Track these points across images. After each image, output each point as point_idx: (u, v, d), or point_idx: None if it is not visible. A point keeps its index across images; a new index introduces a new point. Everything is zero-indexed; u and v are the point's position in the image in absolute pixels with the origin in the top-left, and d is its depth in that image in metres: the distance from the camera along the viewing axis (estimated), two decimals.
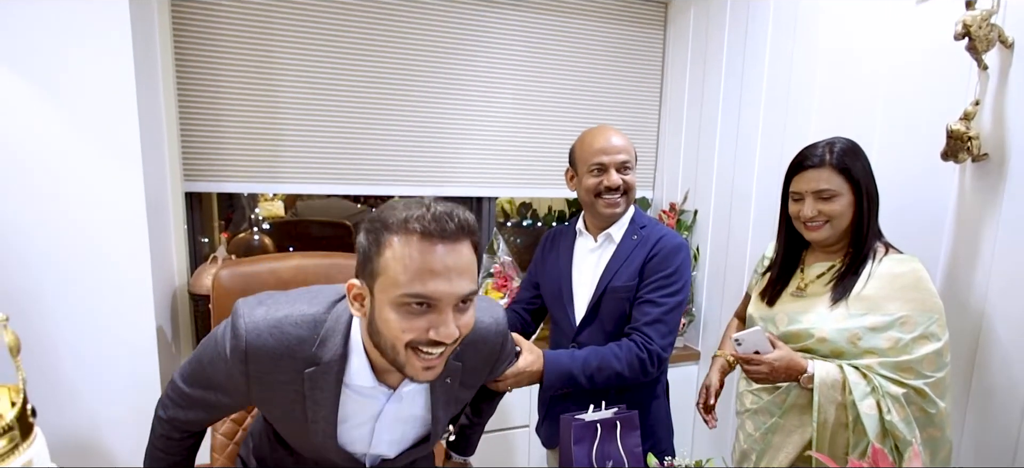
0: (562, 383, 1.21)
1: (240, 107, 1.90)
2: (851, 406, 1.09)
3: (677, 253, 1.29)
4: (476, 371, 1.00)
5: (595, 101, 2.35)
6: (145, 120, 1.55)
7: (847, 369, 1.11)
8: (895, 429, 1.07)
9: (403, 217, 0.76)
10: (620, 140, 1.33)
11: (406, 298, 0.76)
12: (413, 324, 0.77)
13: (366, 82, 2.02)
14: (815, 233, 1.20)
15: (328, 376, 0.85)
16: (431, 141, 2.14)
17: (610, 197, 1.31)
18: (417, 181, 2.15)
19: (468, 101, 2.16)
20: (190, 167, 1.88)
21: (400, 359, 0.81)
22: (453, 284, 0.76)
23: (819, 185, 1.16)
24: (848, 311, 1.14)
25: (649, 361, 1.24)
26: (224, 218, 2.87)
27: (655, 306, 1.26)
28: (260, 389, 0.86)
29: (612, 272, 1.31)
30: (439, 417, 0.96)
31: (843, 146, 1.17)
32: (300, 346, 0.84)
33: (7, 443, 0.50)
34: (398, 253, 0.75)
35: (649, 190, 2.53)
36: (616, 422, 1.12)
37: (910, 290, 1.11)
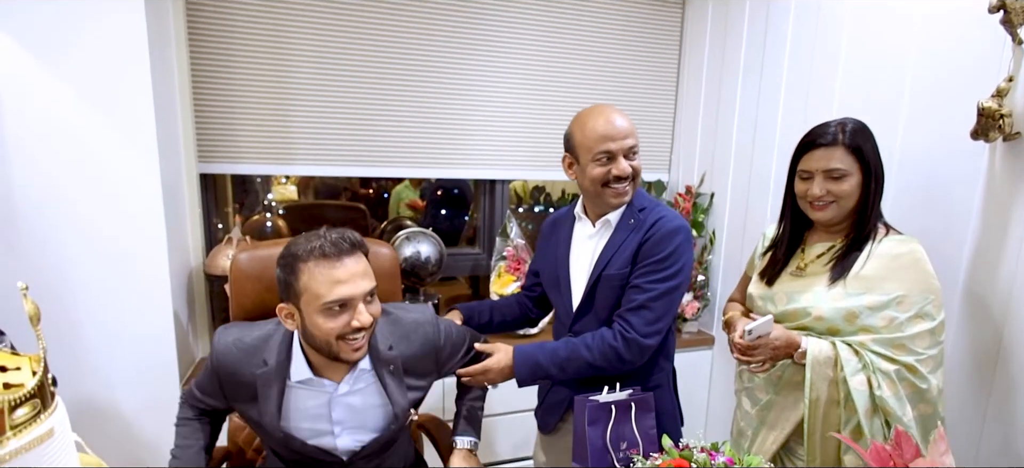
0: (533, 375, 1.22)
1: (254, 88, 1.90)
2: (842, 382, 1.11)
3: (673, 236, 1.19)
4: (418, 358, 1.18)
5: (610, 82, 2.31)
6: (160, 101, 1.55)
7: (839, 345, 1.12)
8: (885, 404, 1.09)
9: (309, 248, 1.00)
10: (625, 122, 1.22)
11: (327, 305, 1.00)
12: (337, 322, 1.01)
13: (380, 64, 2.01)
14: (821, 212, 1.18)
15: (274, 375, 1.08)
16: (444, 123, 2.13)
17: (619, 186, 1.22)
18: (430, 163, 2.15)
19: (481, 83, 2.14)
20: (204, 148, 1.88)
21: (334, 349, 1.04)
22: (357, 286, 1.01)
23: (830, 164, 1.15)
24: (846, 290, 1.15)
25: (625, 349, 1.17)
26: (237, 202, 2.89)
27: (641, 292, 1.18)
28: (230, 390, 1.11)
29: (606, 259, 1.24)
30: (396, 400, 1.14)
31: (855, 126, 1.16)
32: (254, 354, 1.09)
33: (29, 410, 0.51)
34: (314, 274, 0.99)
35: (664, 173, 2.50)
36: (631, 403, 1.11)
37: (908, 270, 1.12)
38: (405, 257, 1.96)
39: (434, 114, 2.11)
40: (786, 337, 1.16)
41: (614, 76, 2.31)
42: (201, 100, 1.85)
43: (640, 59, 2.34)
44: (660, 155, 2.48)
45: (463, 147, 2.17)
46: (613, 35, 2.28)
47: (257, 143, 1.93)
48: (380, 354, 1.13)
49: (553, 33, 2.19)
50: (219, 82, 1.86)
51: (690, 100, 2.36)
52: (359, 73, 1.99)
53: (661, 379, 1.32)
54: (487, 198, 2.34)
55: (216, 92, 1.86)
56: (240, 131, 1.91)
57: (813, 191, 1.17)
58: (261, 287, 1.37)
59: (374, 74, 2.01)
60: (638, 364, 1.20)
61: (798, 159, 1.22)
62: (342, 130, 2.02)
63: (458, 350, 1.29)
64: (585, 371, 1.20)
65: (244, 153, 1.93)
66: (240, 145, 1.92)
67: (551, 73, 2.22)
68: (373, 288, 1.05)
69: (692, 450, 1.00)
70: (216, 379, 1.12)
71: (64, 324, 1.52)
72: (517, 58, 2.17)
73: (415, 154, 2.12)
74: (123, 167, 1.51)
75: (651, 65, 2.37)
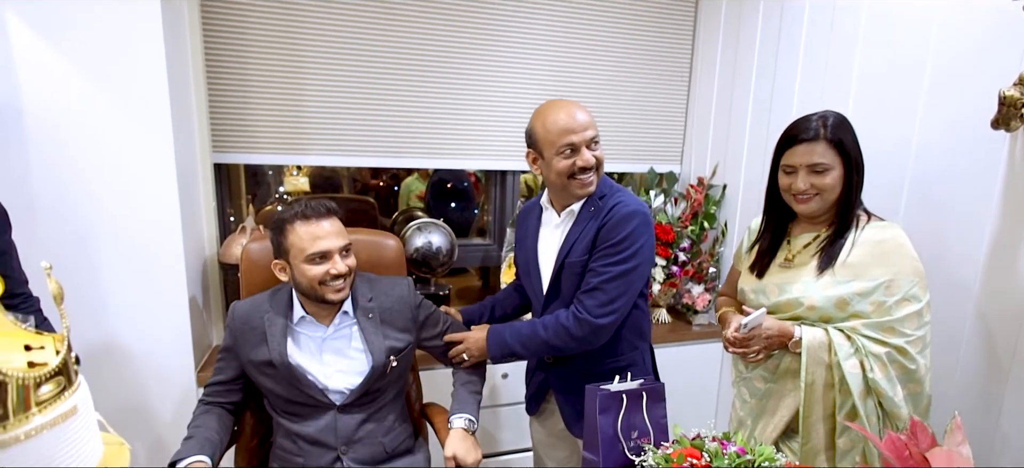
0: (501, 351, 1.36)
1: (267, 79, 1.91)
2: (837, 367, 1.15)
3: (628, 220, 1.24)
4: (395, 311, 1.39)
5: (622, 73, 2.30)
6: (175, 91, 1.57)
7: (832, 331, 1.16)
8: (877, 386, 1.13)
9: (293, 212, 1.27)
10: (584, 115, 1.27)
11: (310, 256, 1.25)
12: (319, 269, 1.25)
13: (393, 55, 2.01)
14: (805, 206, 1.21)
15: (278, 317, 1.32)
16: (456, 114, 2.13)
17: (584, 177, 1.28)
18: (441, 154, 2.15)
19: (494, 74, 2.14)
20: (218, 139, 1.90)
21: (318, 292, 1.27)
22: (333, 241, 1.26)
23: (813, 159, 1.17)
24: (835, 278, 1.17)
25: (576, 328, 1.25)
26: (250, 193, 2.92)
27: (595, 275, 1.25)
28: (242, 338, 1.31)
29: (569, 246, 1.30)
30: (373, 342, 1.33)
31: (836, 120, 1.18)
32: (262, 305, 1.34)
33: (53, 387, 0.52)
34: (298, 233, 1.25)
35: (677, 164, 2.48)
36: (642, 393, 1.11)
37: (893, 255, 1.15)
38: (416, 247, 1.96)
39: (446, 105, 2.11)
40: (779, 327, 1.20)
41: (626, 67, 2.30)
42: (215, 91, 1.86)
43: (652, 51, 2.32)
44: (672, 147, 2.46)
45: (475, 138, 2.17)
46: (626, 27, 2.26)
47: (270, 133, 1.95)
48: (360, 304, 1.36)
49: (566, 24, 2.18)
50: (233, 73, 1.87)
51: (703, 91, 2.34)
52: (372, 64, 2.00)
53: (635, 358, 1.38)
54: (498, 189, 2.34)
55: (230, 83, 1.88)
56: (253, 121, 1.92)
57: (797, 185, 1.20)
58: (270, 276, 1.39)
59: (387, 65, 2.01)
60: (595, 343, 1.28)
61: (781, 154, 1.23)
62: (355, 120, 2.02)
63: (436, 321, 1.47)
64: (545, 349, 1.32)
65: (257, 143, 1.94)
66: (253, 135, 1.93)
67: (563, 64, 2.21)
68: (348, 244, 1.30)
69: (703, 440, 1.01)
70: (231, 336, 1.33)
71: (84, 309, 1.55)
72: (530, 49, 2.16)
73: (427, 145, 2.12)
74: (139, 156, 1.53)
75: (663, 56, 2.35)
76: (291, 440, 1.33)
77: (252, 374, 1.33)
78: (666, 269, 2.18)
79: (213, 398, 1.35)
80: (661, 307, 2.28)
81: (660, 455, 1.01)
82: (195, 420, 1.30)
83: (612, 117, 2.33)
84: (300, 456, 1.32)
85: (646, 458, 1.03)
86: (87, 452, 0.56)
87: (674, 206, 2.20)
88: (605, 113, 2.31)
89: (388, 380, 1.37)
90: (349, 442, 1.33)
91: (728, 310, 1.40)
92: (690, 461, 0.97)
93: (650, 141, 2.42)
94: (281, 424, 1.35)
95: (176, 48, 1.60)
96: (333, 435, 1.32)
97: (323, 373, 1.32)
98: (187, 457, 1.18)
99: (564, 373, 1.41)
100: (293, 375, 1.28)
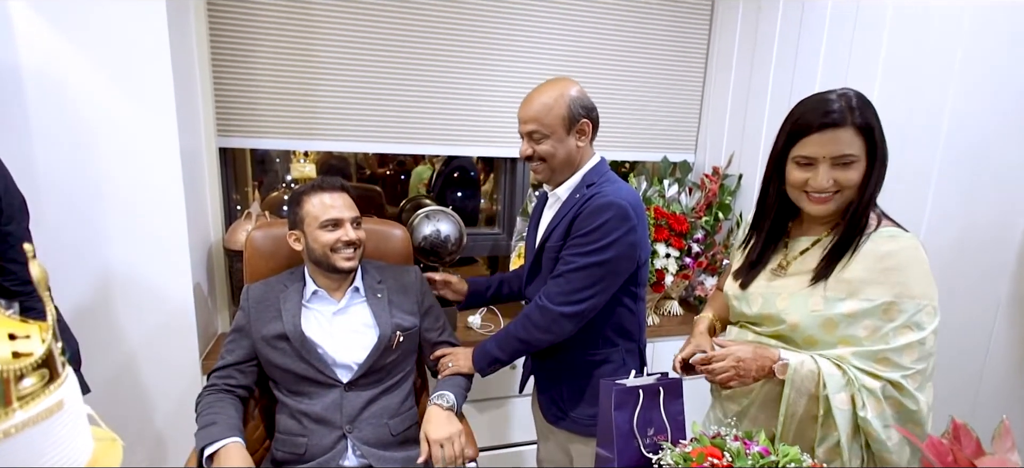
0: (488, 361, 1.37)
1: (274, 62, 1.86)
2: (824, 400, 0.98)
3: (602, 211, 1.21)
4: (403, 293, 1.45)
5: (635, 59, 2.23)
6: (178, 71, 1.53)
7: (820, 361, 0.99)
8: (868, 426, 0.96)
9: (309, 186, 1.37)
10: (530, 108, 1.28)
11: (323, 223, 1.33)
12: (330, 236, 1.33)
13: (404, 39, 1.96)
14: (822, 206, 1.00)
15: (293, 293, 1.38)
16: (469, 101, 2.08)
17: (529, 164, 1.33)
18: (453, 141, 2.10)
19: (505, 60, 2.08)
20: (224, 122, 1.86)
21: (329, 259, 1.34)
22: (343, 211, 1.35)
23: (839, 149, 0.96)
24: (825, 295, 1.01)
25: (537, 315, 1.27)
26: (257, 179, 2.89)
27: (563, 263, 1.26)
28: (256, 314, 1.36)
29: (550, 230, 1.32)
30: (381, 317, 1.38)
31: (861, 100, 0.98)
32: (276, 284, 1.40)
33: (37, 381, 0.48)
34: (313, 203, 1.35)
35: (691, 153, 2.42)
36: (659, 388, 1.07)
37: (896, 273, 0.96)
38: (425, 236, 1.92)
39: (456, 90, 2.05)
40: (758, 363, 1.02)
41: (640, 53, 2.23)
42: (220, 73, 1.82)
43: (667, 36, 2.25)
44: (686, 135, 2.40)
45: (487, 125, 2.12)
46: (640, 12, 2.19)
47: (277, 117, 1.91)
48: (370, 284, 1.43)
49: (579, 9, 2.11)
50: (239, 55, 1.83)
51: (720, 78, 2.27)
52: (383, 47, 1.95)
53: (612, 355, 1.35)
54: (507, 178, 2.29)
55: (236, 65, 1.83)
56: (260, 105, 1.88)
57: (818, 182, 0.98)
58: (275, 263, 1.37)
59: (398, 48, 1.96)
60: (560, 333, 1.27)
61: (793, 142, 1.01)
62: (364, 105, 1.98)
63: (437, 318, 1.51)
64: (521, 346, 1.34)
65: (264, 127, 1.90)
66: (260, 119, 1.89)
67: (575, 50, 2.15)
68: (357, 217, 1.38)
69: (724, 438, 0.96)
70: (244, 315, 1.37)
71: (86, 294, 1.52)
72: (542, 34, 2.10)
73: (438, 132, 2.07)
74: (141, 137, 1.49)
75: (678, 42, 2.28)
76: (296, 419, 1.33)
77: (263, 352, 1.34)
78: (679, 260, 2.12)
79: (223, 381, 1.33)
80: (673, 299, 2.23)
81: (678, 454, 0.97)
82: (210, 406, 1.26)
83: (624, 104, 2.27)
84: (304, 436, 1.32)
85: (664, 456, 0.99)
86: (75, 450, 0.52)
87: (689, 196, 2.14)
88: (617, 100, 2.25)
89: (394, 358, 1.39)
90: (354, 421, 1.33)
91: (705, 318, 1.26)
92: (711, 461, 0.92)
93: (663, 129, 2.36)
94: (286, 404, 1.34)
95: (180, 27, 1.56)
96: (338, 413, 1.32)
97: (332, 347, 1.35)
98: (219, 440, 1.17)
99: (540, 359, 1.43)
100: (305, 347, 1.31)
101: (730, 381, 1.03)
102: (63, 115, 1.43)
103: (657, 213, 2.03)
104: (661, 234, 2.03)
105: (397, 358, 1.41)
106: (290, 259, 1.48)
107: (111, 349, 1.58)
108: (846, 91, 0.99)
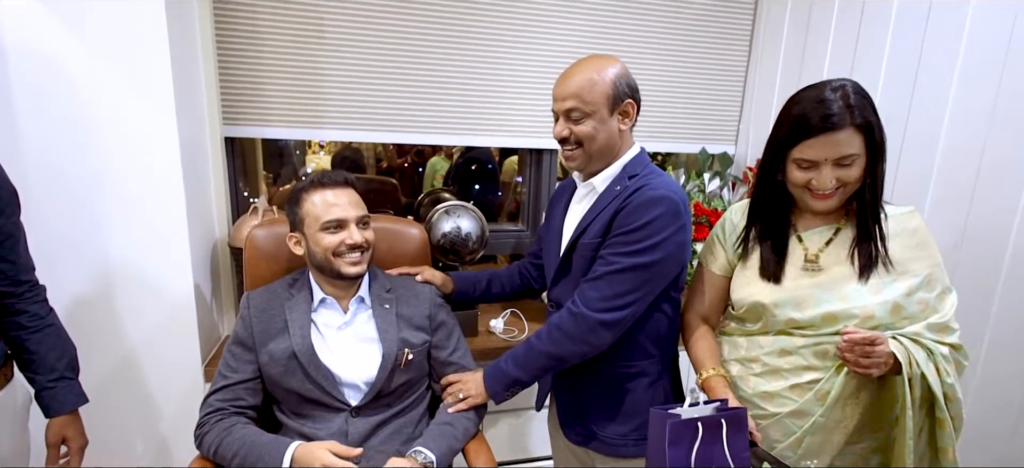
0: (503, 384, 1.20)
1: (283, 46, 1.72)
2: (920, 379, 0.98)
3: (652, 206, 1.07)
4: (413, 305, 1.28)
5: (670, 42, 2.05)
6: (177, 55, 1.40)
7: (903, 340, 0.98)
8: (954, 391, 0.99)
9: (308, 182, 1.21)
10: (570, 83, 1.12)
11: (324, 224, 1.18)
12: (333, 239, 1.18)
13: (421, 24, 1.80)
14: (825, 202, 1.02)
15: (300, 304, 1.23)
16: (490, 89, 1.92)
17: (563, 147, 1.17)
18: (474, 131, 1.95)
19: (529, 44, 1.91)
20: (229, 110, 1.73)
21: (332, 265, 1.19)
22: (348, 210, 1.20)
23: (841, 151, 0.97)
24: (881, 280, 1.01)
25: (571, 324, 1.10)
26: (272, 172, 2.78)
27: (604, 263, 1.10)
28: (260, 327, 1.20)
29: (585, 225, 1.16)
30: (387, 332, 1.22)
31: (858, 96, 0.98)
32: (281, 292, 1.25)
33: None
34: (313, 201, 1.19)
35: (730, 144, 2.23)
36: (721, 420, 0.91)
37: (926, 246, 1.03)
38: (444, 233, 1.77)
39: (477, 77, 1.90)
40: (886, 349, 0.96)
41: (675, 37, 2.05)
42: (226, 57, 1.69)
43: (706, 20, 2.06)
44: (726, 125, 2.20)
45: (510, 115, 1.96)
46: None
47: (285, 105, 1.77)
48: (377, 293, 1.28)
49: None
50: (245, 39, 1.69)
51: (766, 64, 2.07)
52: (397, 31, 1.79)
53: (647, 367, 1.20)
54: (533, 170, 2.13)
55: (242, 49, 1.70)
56: (267, 91, 1.75)
57: (822, 183, 0.99)
58: (278, 266, 1.23)
59: (416, 35, 1.81)
60: (597, 344, 1.11)
61: (792, 142, 1.01)
62: (377, 93, 1.83)
63: (451, 332, 1.32)
64: (546, 362, 1.16)
65: (272, 116, 1.77)
66: (267, 107, 1.76)
67: (605, 32, 1.98)
68: (364, 216, 1.22)
69: None
70: (246, 328, 1.20)
71: (82, 290, 1.41)
72: (568, 16, 1.93)
73: (458, 121, 1.92)
74: (137, 124, 1.37)
75: (718, 24, 2.08)
76: None
77: (268, 369, 1.18)
78: None
79: (232, 404, 1.16)
80: None
81: None
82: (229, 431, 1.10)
83: (659, 91, 2.08)
84: None
85: None
86: None
87: (731, 191, 1.96)
88: (651, 86, 2.06)
89: (406, 378, 1.23)
90: (363, 448, 1.17)
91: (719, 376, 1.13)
92: None
93: (701, 118, 2.17)
94: (289, 427, 1.20)
95: (179, 9, 1.42)
96: (344, 441, 1.17)
97: (338, 364, 1.19)
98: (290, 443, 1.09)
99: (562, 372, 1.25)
100: (314, 365, 1.16)
101: (874, 367, 0.96)
102: (55, 100, 1.31)
103: (697, 209, 1.86)
104: (701, 233, 1.85)
105: (410, 378, 1.25)
106: (294, 261, 1.34)
107: (109, 349, 1.46)
108: (843, 84, 0.98)
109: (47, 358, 1.11)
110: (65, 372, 1.13)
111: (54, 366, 1.12)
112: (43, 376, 1.11)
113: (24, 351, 1.11)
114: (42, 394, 1.12)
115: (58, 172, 1.34)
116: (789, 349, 1.07)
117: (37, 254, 1.14)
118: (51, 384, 1.12)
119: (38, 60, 1.28)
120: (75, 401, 1.15)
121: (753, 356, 1.12)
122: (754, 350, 1.12)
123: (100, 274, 1.42)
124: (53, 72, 1.30)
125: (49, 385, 1.12)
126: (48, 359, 1.11)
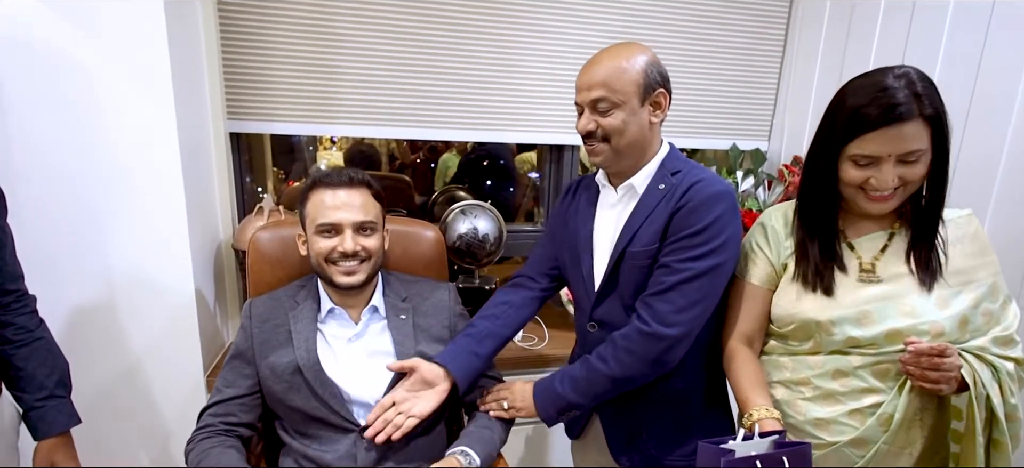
0: (557, 408, 1.09)
1: (290, 37, 1.62)
2: (985, 400, 0.89)
3: (713, 204, 0.98)
4: (430, 315, 1.19)
5: (697, 34, 1.91)
6: (177, 47, 1.31)
7: (968, 358, 0.89)
8: (1016, 411, 0.91)
9: (316, 178, 1.13)
10: (597, 71, 1.02)
11: (319, 227, 1.09)
12: (326, 244, 1.09)
13: (437, 15, 1.70)
14: (883, 203, 0.92)
15: (306, 313, 1.14)
16: (508, 83, 1.81)
17: (587, 142, 1.07)
18: (491, 126, 1.84)
19: (548, 36, 1.80)
20: (235, 105, 1.64)
21: (326, 272, 1.11)
22: (346, 214, 1.09)
23: (908, 146, 0.86)
24: (946, 292, 0.92)
25: (645, 346, 0.99)
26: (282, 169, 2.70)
27: (671, 272, 0.99)
28: (261, 339, 1.11)
29: (631, 233, 1.04)
30: (402, 344, 1.13)
31: (927, 84, 0.87)
32: (285, 300, 1.17)
33: None
34: (314, 200, 1.11)
35: (763, 141, 2.09)
36: (783, 459, 0.79)
37: (988, 251, 0.95)
38: (460, 234, 1.67)
39: (498, 73, 1.79)
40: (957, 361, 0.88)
41: (703, 28, 1.91)
42: (230, 50, 1.59)
43: (736, 10, 1.92)
44: (759, 120, 2.07)
45: (528, 110, 1.85)
46: None
47: (293, 99, 1.67)
48: (392, 302, 1.18)
49: None
50: (251, 31, 1.60)
51: (803, 56, 1.94)
52: (413, 21, 1.69)
53: (692, 383, 1.11)
54: (552, 167, 2.02)
55: (248, 42, 1.60)
56: (274, 85, 1.65)
57: (882, 181, 0.89)
58: (284, 272, 1.14)
59: (431, 27, 1.70)
60: (669, 362, 1.02)
61: (849, 137, 0.90)
62: (392, 87, 1.73)
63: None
64: (614, 387, 1.05)
65: (279, 111, 1.68)
66: (274, 101, 1.66)
67: (628, 22, 1.85)
68: (366, 221, 1.11)
69: None
70: (247, 338, 1.12)
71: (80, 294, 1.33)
72: (589, 16, 1.81)
73: (475, 117, 1.81)
74: (134, 119, 1.28)
75: (750, 13, 1.94)
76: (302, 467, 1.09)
77: (269, 384, 1.09)
78: None
79: (221, 420, 1.07)
80: None
81: None
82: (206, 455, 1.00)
83: (686, 84, 1.96)
84: None
85: None
86: None
87: (767, 190, 1.83)
88: (677, 79, 1.92)
89: None
90: None
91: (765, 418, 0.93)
92: None
93: (732, 113, 2.04)
94: (292, 448, 1.11)
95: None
96: (352, 463, 1.07)
97: (347, 380, 1.10)
98: None
99: None
100: (320, 381, 1.07)
101: (943, 382, 0.87)
102: (50, 93, 1.23)
103: None
104: None
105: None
106: (303, 266, 1.23)
107: (106, 357, 1.38)
108: (906, 71, 0.87)
109: (36, 375, 1.03)
110: (55, 390, 1.05)
111: (43, 383, 1.03)
112: (31, 394, 1.03)
113: (11, 367, 1.02)
114: (30, 414, 1.03)
115: (56, 171, 1.27)
116: (845, 369, 0.95)
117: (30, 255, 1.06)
118: (40, 403, 1.03)
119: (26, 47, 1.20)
120: (66, 422, 1.06)
121: (801, 378, 1.00)
122: (802, 371, 1.00)
123: (99, 276, 1.35)
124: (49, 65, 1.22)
125: (37, 404, 1.03)
126: (37, 376, 1.03)
